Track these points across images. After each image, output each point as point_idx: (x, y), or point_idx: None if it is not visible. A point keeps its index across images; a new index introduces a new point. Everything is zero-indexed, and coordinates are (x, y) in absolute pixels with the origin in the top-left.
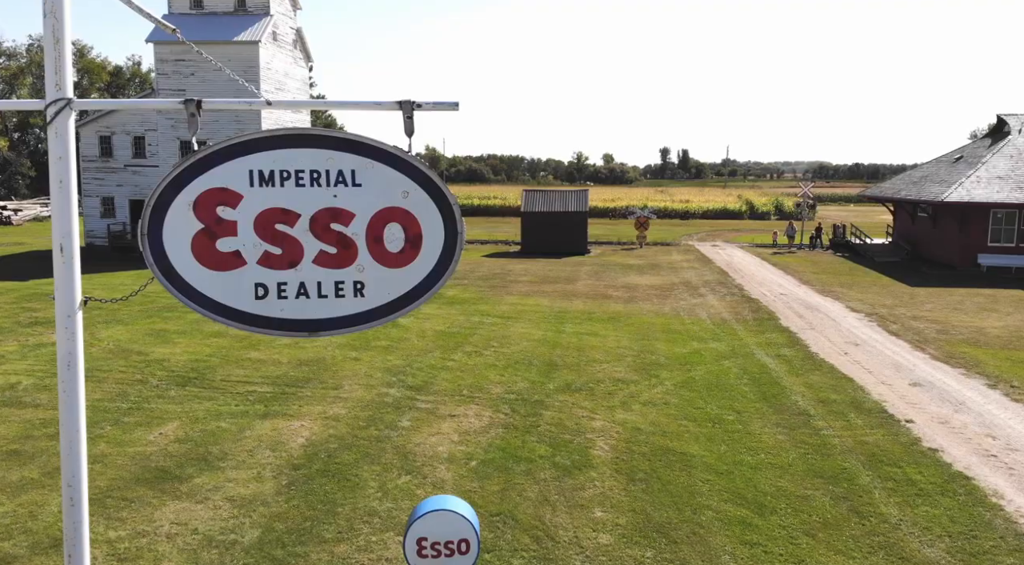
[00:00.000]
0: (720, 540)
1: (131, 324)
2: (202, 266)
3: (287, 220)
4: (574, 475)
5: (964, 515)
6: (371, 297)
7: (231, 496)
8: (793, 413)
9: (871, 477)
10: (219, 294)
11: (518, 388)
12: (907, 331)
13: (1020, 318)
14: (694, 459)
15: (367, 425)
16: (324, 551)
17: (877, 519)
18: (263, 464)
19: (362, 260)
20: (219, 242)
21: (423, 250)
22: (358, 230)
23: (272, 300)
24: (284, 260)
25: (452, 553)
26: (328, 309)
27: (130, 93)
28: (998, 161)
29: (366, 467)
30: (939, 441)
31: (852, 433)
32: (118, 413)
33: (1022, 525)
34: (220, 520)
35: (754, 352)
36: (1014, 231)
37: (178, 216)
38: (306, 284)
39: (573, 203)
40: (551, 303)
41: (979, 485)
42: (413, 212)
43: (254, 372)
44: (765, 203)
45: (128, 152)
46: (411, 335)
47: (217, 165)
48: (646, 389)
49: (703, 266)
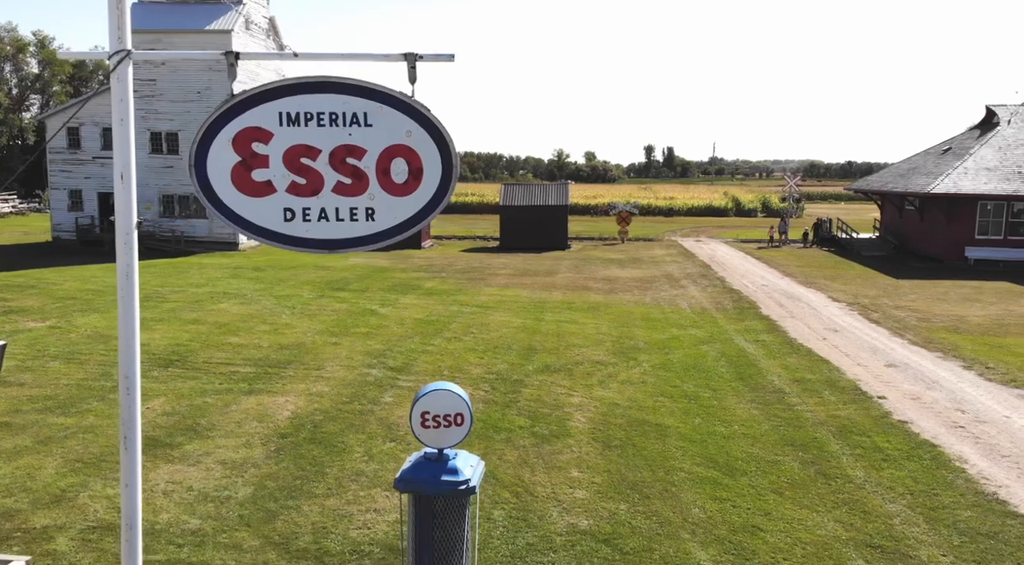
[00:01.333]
0: (691, 496)
1: (107, 313)
2: (240, 193)
3: (310, 155)
4: (552, 442)
5: (927, 476)
6: (380, 220)
7: (222, 459)
8: (768, 391)
9: (840, 445)
10: (254, 216)
11: (497, 369)
12: (888, 319)
13: (1003, 308)
14: (669, 430)
15: (350, 400)
16: (315, 504)
17: (843, 480)
18: (251, 433)
19: (373, 189)
20: (254, 173)
21: (424, 181)
22: (369, 164)
23: (298, 222)
24: (308, 189)
25: (449, 424)
26: (344, 230)
27: (93, 85)
28: (986, 152)
29: (351, 435)
30: (909, 415)
31: (825, 408)
32: (103, 391)
33: (983, 485)
34: (213, 479)
35: (733, 337)
36: (1002, 223)
37: (220, 151)
38: (326, 209)
39: (553, 196)
40: (530, 294)
41: (945, 451)
42: (416, 149)
43: (235, 355)
44: (752, 200)
45: (97, 144)
46: (390, 322)
47: (252, 108)
48: (624, 370)
49: (685, 260)
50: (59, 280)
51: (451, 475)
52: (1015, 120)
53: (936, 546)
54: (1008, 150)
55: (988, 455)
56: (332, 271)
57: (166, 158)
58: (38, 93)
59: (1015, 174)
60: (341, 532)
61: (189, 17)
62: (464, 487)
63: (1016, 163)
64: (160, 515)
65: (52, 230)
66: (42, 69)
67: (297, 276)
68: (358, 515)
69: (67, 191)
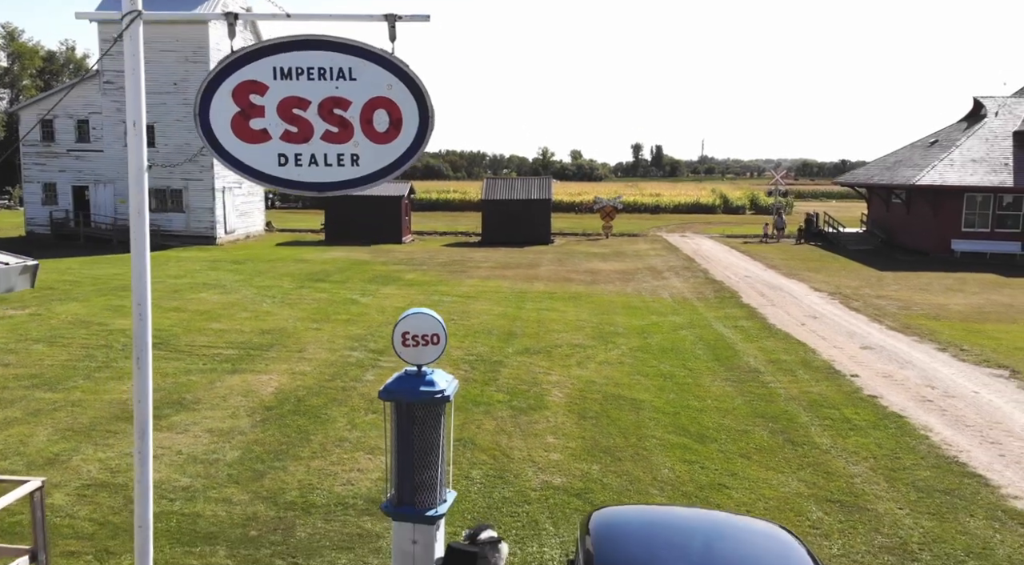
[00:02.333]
0: (661, 459)
1: (87, 301)
2: (239, 140)
3: (301, 106)
4: (529, 414)
5: (891, 443)
6: (364, 166)
7: (209, 428)
8: (743, 370)
9: (809, 417)
10: (252, 161)
11: (478, 352)
12: (868, 307)
13: (985, 297)
14: (643, 403)
15: (333, 378)
16: (301, 465)
17: (809, 446)
18: (236, 406)
19: (357, 137)
20: (251, 122)
21: (403, 130)
22: (354, 114)
23: (291, 167)
24: (300, 136)
25: (427, 343)
26: (332, 174)
27: (64, 79)
28: (973, 144)
29: (335, 408)
30: (880, 390)
31: (798, 385)
32: (88, 370)
33: (944, 450)
34: (201, 444)
35: (712, 324)
36: (989, 216)
37: (221, 102)
38: (316, 155)
39: (535, 191)
40: (512, 285)
41: (910, 422)
42: (396, 101)
43: (218, 339)
44: (740, 196)
45: (71, 136)
46: (371, 311)
47: (249, 63)
48: (602, 352)
49: (669, 253)
50: None
51: (428, 386)
52: (1003, 112)
53: (894, 501)
54: (995, 142)
55: (953, 425)
56: (312, 264)
57: None
58: (7, 87)
59: (1002, 166)
60: (326, 488)
61: (166, 7)
62: (440, 396)
63: (1003, 155)
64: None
65: (26, 224)
66: (11, 62)
67: (276, 268)
68: (342, 474)
69: (41, 184)
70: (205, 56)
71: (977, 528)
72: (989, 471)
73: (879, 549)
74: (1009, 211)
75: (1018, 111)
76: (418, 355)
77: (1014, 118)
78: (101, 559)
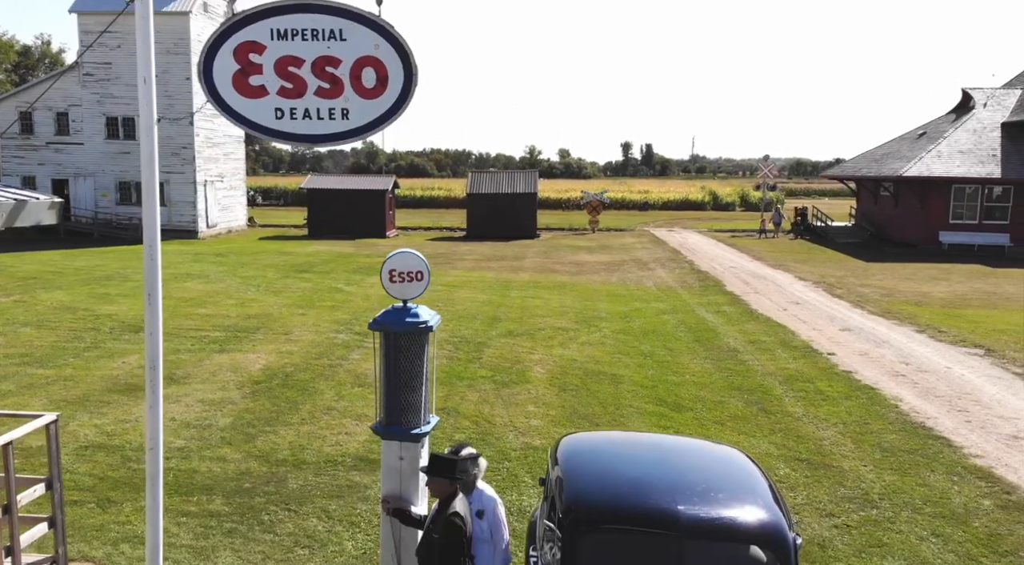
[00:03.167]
0: (638, 425)
1: (71, 289)
2: (240, 95)
3: (296, 64)
4: (511, 387)
5: (861, 411)
6: (354, 119)
7: (201, 399)
8: (723, 350)
9: (784, 389)
10: (251, 115)
11: (462, 334)
12: (851, 294)
13: (970, 286)
14: (623, 378)
15: (319, 357)
16: (291, 429)
17: (782, 414)
18: (226, 381)
19: (347, 93)
20: (251, 78)
21: (389, 87)
22: (344, 72)
23: (287, 120)
24: (294, 92)
25: (412, 280)
26: (324, 127)
27: (40, 73)
28: (960, 135)
29: (322, 382)
30: (855, 366)
31: (775, 363)
32: (77, 350)
33: (912, 416)
34: (194, 413)
35: (695, 309)
36: (977, 208)
37: (223, 60)
38: (309, 109)
39: (521, 184)
40: (497, 275)
41: (882, 393)
42: (382, 59)
43: (204, 323)
44: (730, 193)
45: (50, 129)
46: (356, 298)
47: (249, 25)
48: (585, 334)
49: (655, 247)
50: (17, 263)
51: (413, 318)
52: (991, 103)
53: (859, 459)
54: (983, 133)
55: (923, 396)
56: (295, 256)
57: (123, 144)
58: None
59: (989, 157)
60: (316, 448)
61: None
62: (424, 326)
63: (990, 146)
64: None
65: None
66: None
67: (260, 260)
68: (331, 437)
69: (20, 177)
70: (186, 47)
71: (936, 481)
72: (954, 435)
73: (841, 499)
74: (998, 203)
75: (1007, 102)
76: (403, 290)
77: (1003, 109)
78: (103, 506)
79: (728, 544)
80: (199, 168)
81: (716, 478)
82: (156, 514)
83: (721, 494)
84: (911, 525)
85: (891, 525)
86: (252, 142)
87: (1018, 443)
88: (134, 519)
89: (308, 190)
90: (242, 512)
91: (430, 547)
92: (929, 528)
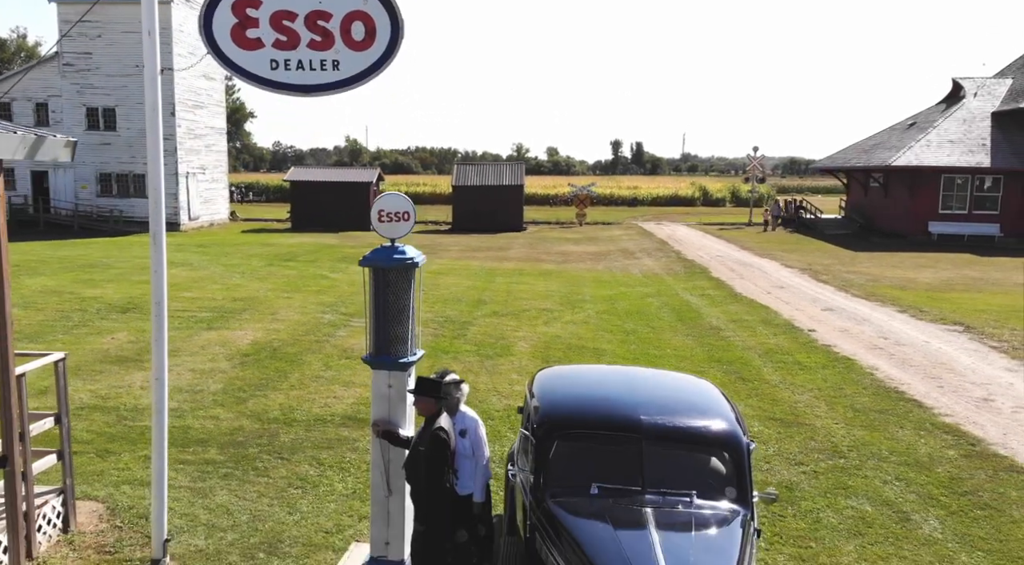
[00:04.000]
0: None
1: (55, 276)
2: (238, 47)
3: (290, 18)
4: (495, 359)
5: (837, 378)
6: (344, 70)
7: (191, 368)
8: (705, 328)
9: (763, 361)
10: (248, 65)
11: (447, 314)
12: (836, 280)
13: (956, 272)
14: (605, 352)
15: (306, 334)
16: (281, 394)
17: (759, 382)
18: (215, 354)
19: (338, 46)
20: (248, 31)
21: (377, 39)
22: (335, 25)
23: (281, 71)
24: (288, 44)
25: (399, 219)
26: (317, 78)
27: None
28: (950, 125)
29: (310, 355)
30: (834, 341)
31: (756, 339)
32: (66, 328)
33: (886, 382)
34: (186, 380)
35: (679, 293)
36: (967, 197)
37: (222, 15)
38: (302, 61)
39: (508, 176)
40: (482, 263)
41: (859, 363)
42: (371, 14)
43: (191, 305)
44: (720, 189)
45: (30, 120)
46: (341, 283)
47: None
48: (569, 314)
49: (643, 238)
50: None
51: (400, 254)
52: (982, 93)
53: (831, 419)
54: (973, 122)
55: (899, 366)
56: (279, 247)
57: (103, 135)
58: None
59: (979, 146)
60: (305, 409)
61: None
62: (410, 262)
63: (980, 135)
64: (141, 400)
65: None
66: None
67: (243, 251)
68: (319, 400)
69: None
70: (168, 37)
71: (904, 436)
72: (926, 398)
73: (811, 450)
74: (988, 193)
75: (998, 92)
76: (391, 229)
77: (993, 99)
78: (102, 456)
79: (686, 446)
80: (181, 160)
81: (679, 395)
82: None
83: (682, 406)
84: (876, 471)
85: (857, 471)
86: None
87: (987, 405)
88: (132, 466)
89: (291, 183)
90: (236, 460)
91: (417, 460)
92: (894, 474)
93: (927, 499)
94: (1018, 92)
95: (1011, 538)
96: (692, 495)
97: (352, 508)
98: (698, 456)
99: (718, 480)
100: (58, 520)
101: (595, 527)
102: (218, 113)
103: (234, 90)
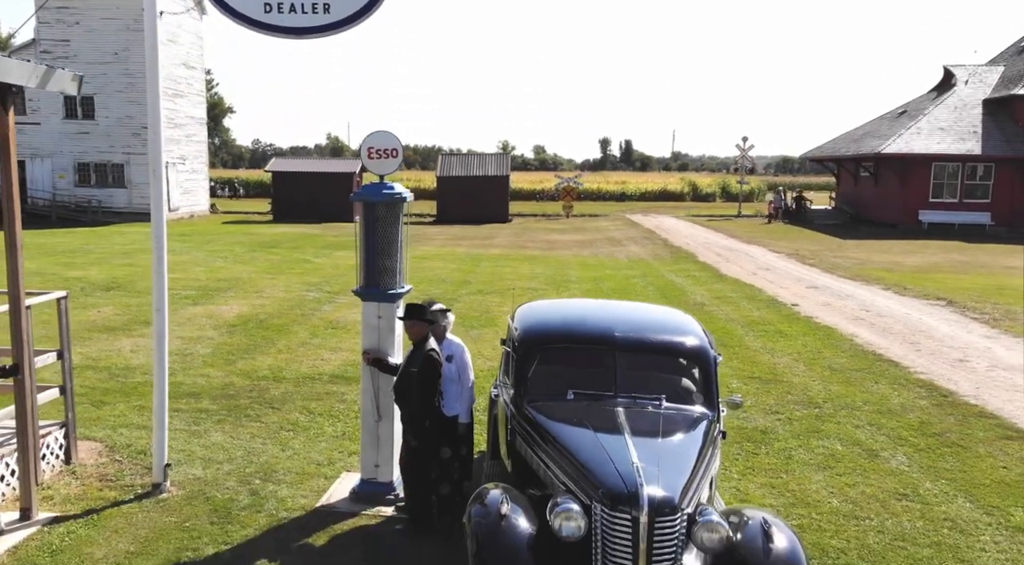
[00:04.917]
0: None
1: (35, 259)
2: None
3: None
4: (479, 329)
5: (817, 343)
6: (335, 13)
7: (179, 336)
8: (688, 304)
9: (745, 330)
10: (243, 8)
11: (432, 293)
12: (823, 263)
13: (944, 257)
14: None
15: (292, 308)
16: (268, 357)
17: (741, 348)
18: (202, 325)
19: None
20: None
21: None
22: None
23: (275, 14)
24: None
25: (387, 156)
26: (308, 21)
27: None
28: (941, 112)
29: (296, 326)
30: (816, 313)
31: (740, 313)
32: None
33: (865, 347)
34: (175, 345)
35: (664, 274)
36: (957, 186)
37: None
38: (295, 4)
39: (493, 167)
40: (467, 251)
41: (839, 331)
42: None
43: (175, 284)
44: (710, 184)
45: None
46: (325, 267)
47: None
48: (554, 293)
49: (630, 228)
50: None
51: (389, 190)
52: (973, 80)
53: (808, 377)
54: (963, 110)
55: (879, 333)
56: (262, 236)
57: (81, 124)
58: None
59: (970, 133)
60: (293, 369)
61: None
62: (398, 197)
63: (971, 123)
64: (131, 361)
65: None
66: None
67: (225, 239)
68: (307, 361)
69: None
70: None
71: (879, 390)
72: (903, 359)
73: (787, 402)
74: (980, 182)
75: (989, 79)
76: (381, 165)
77: (984, 86)
78: (98, 406)
79: (656, 355)
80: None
81: (651, 316)
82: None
83: (654, 325)
84: (849, 418)
85: (830, 418)
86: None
87: (963, 365)
88: (128, 413)
89: (273, 173)
90: (229, 409)
91: (408, 380)
92: (866, 420)
93: (896, 439)
94: (1010, 79)
95: (975, 469)
96: (661, 399)
97: (343, 446)
98: (668, 365)
99: (686, 387)
100: (60, 451)
101: (570, 425)
102: (199, 102)
103: (213, 84)
